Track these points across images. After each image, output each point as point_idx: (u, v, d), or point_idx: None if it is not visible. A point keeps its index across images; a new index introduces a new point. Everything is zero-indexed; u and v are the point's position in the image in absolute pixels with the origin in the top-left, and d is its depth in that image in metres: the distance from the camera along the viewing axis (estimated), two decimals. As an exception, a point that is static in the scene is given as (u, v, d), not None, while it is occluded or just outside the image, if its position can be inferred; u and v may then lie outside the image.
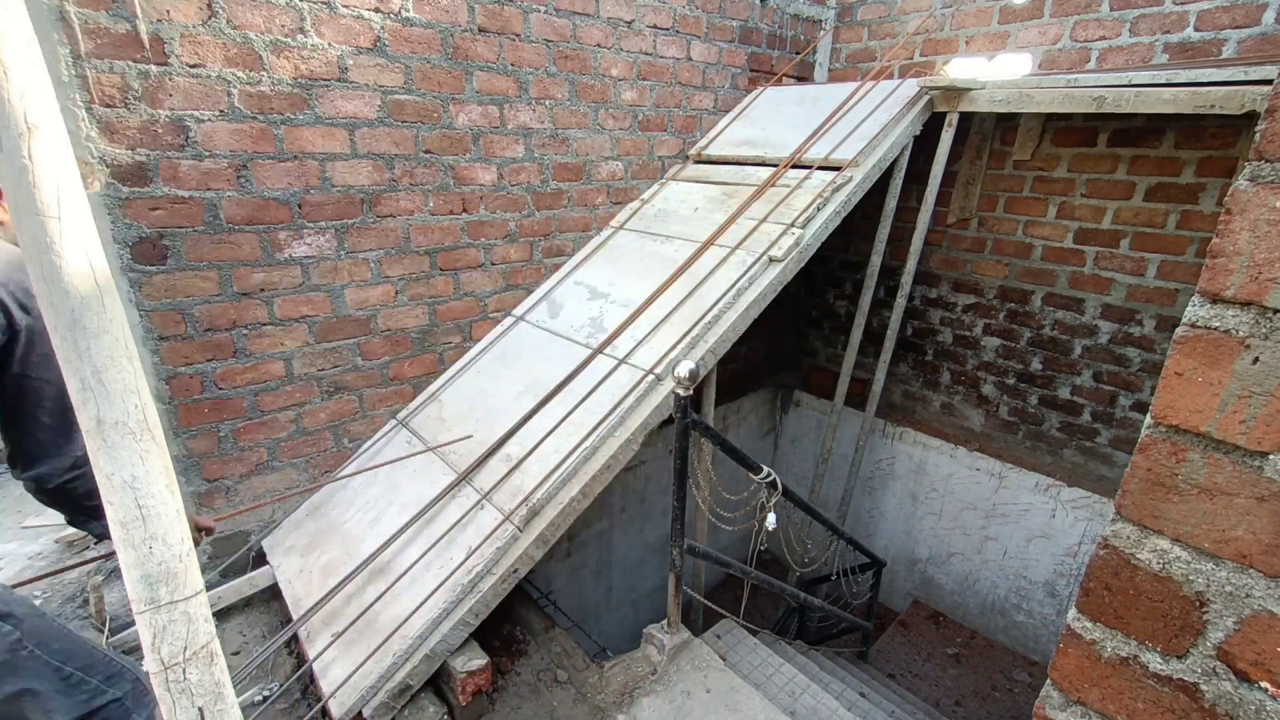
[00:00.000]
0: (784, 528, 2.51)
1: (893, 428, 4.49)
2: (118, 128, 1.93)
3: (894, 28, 3.98)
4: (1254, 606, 0.64)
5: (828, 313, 4.86)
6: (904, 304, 3.55)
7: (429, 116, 2.57)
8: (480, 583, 1.93)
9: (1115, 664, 0.75)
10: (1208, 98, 2.34)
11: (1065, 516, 3.74)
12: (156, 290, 2.11)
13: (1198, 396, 0.65)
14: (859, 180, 2.85)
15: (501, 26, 2.68)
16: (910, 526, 4.55)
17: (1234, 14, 2.85)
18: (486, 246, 2.95)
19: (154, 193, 2.04)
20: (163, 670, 0.92)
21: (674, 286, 2.69)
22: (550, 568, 3.67)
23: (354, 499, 2.43)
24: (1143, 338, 3.40)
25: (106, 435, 0.83)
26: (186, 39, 1.98)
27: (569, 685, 2.04)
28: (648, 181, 3.53)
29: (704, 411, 2.68)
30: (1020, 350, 3.88)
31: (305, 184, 2.33)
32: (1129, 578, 0.72)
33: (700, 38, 3.47)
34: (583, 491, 2.10)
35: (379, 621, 1.91)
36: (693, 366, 1.78)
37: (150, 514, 0.87)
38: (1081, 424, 3.72)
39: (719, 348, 2.44)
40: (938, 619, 4.48)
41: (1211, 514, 0.66)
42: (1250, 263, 0.61)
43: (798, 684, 2.48)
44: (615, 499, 3.95)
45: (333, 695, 1.77)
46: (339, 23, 2.25)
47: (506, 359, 2.78)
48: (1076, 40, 3.31)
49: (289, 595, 2.18)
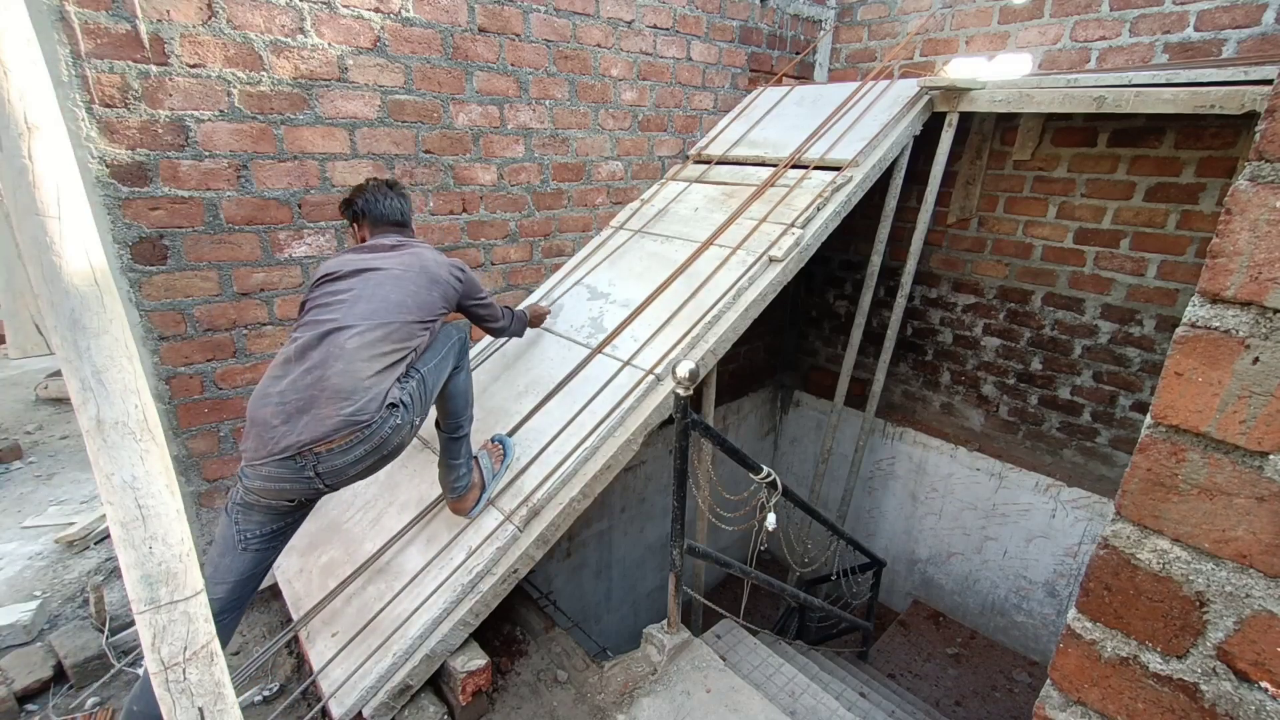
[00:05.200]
0: (784, 528, 2.51)
1: (893, 428, 4.49)
2: (118, 128, 1.93)
3: (894, 28, 3.98)
4: (1254, 606, 0.64)
5: (828, 313, 4.86)
6: (904, 304, 3.54)
7: (429, 116, 2.57)
8: (480, 583, 1.93)
9: (1115, 664, 0.75)
10: (1208, 98, 2.34)
11: (1065, 516, 3.74)
12: (156, 290, 2.11)
13: (1198, 396, 0.65)
14: (859, 180, 2.84)
15: (501, 26, 2.68)
16: (910, 526, 4.55)
17: (1234, 14, 2.85)
18: (486, 246, 2.95)
19: (154, 193, 2.04)
20: (163, 670, 0.92)
21: (674, 286, 2.69)
22: (550, 568, 3.67)
23: (354, 499, 2.43)
24: (1143, 338, 3.40)
25: (106, 435, 0.83)
26: (186, 39, 1.98)
27: (569, 685, 2.04)
28: (648, 181, 3.53)
29: (704, 411, 2.68)
30: (1020, 350, 3.88)
31: (305, 184, 2.33)
32: (1129, 578, 0.72)
33: (700, 38, 3.47)
34: (583, 492, 2.10)
35: (379, 622, 1.91)
36: (693, 366, 1.78)
37: (150, 514, 0.87)
38: (1081, 424, 3.72)
39: (719, 348, 2.44)
40: (938, 619, 4.48)
41: (1211, 514, 0.66)
42: (1250, 263, 0.61)
43: (798, 684, 2.48)
44: (615, 499, 3.95)
45: (333, 695, 1.77)
46: (339, 23, 2.25)
47: (506, 359, 2.78)
48: (1076, 40, 3.31)
49: (289, 595, 2.18)
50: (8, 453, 3.34)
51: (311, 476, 1.56)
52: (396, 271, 1.78)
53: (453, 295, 1.90)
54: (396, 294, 1.73)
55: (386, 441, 1.63)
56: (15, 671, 2.06)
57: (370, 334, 1.64)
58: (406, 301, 1.73)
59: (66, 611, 2.33)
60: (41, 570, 2.51)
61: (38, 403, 4.08)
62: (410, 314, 1.72)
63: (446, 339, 1.92)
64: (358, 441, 1.58)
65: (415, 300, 1.75)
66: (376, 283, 1.74)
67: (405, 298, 1.74)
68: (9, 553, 2.61)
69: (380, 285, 1.73)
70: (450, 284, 1.88)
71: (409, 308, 1.73)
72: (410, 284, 1.77)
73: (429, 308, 1.78)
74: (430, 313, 1.79)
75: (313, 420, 1.53)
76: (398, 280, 1.76)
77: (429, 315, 1.78)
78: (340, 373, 1.57)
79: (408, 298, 1.74)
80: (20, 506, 2.94)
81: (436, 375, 1.84)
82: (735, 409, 4.84)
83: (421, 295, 1.78)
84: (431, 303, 1.80)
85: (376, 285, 1.73)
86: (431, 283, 1.82)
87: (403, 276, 1.77)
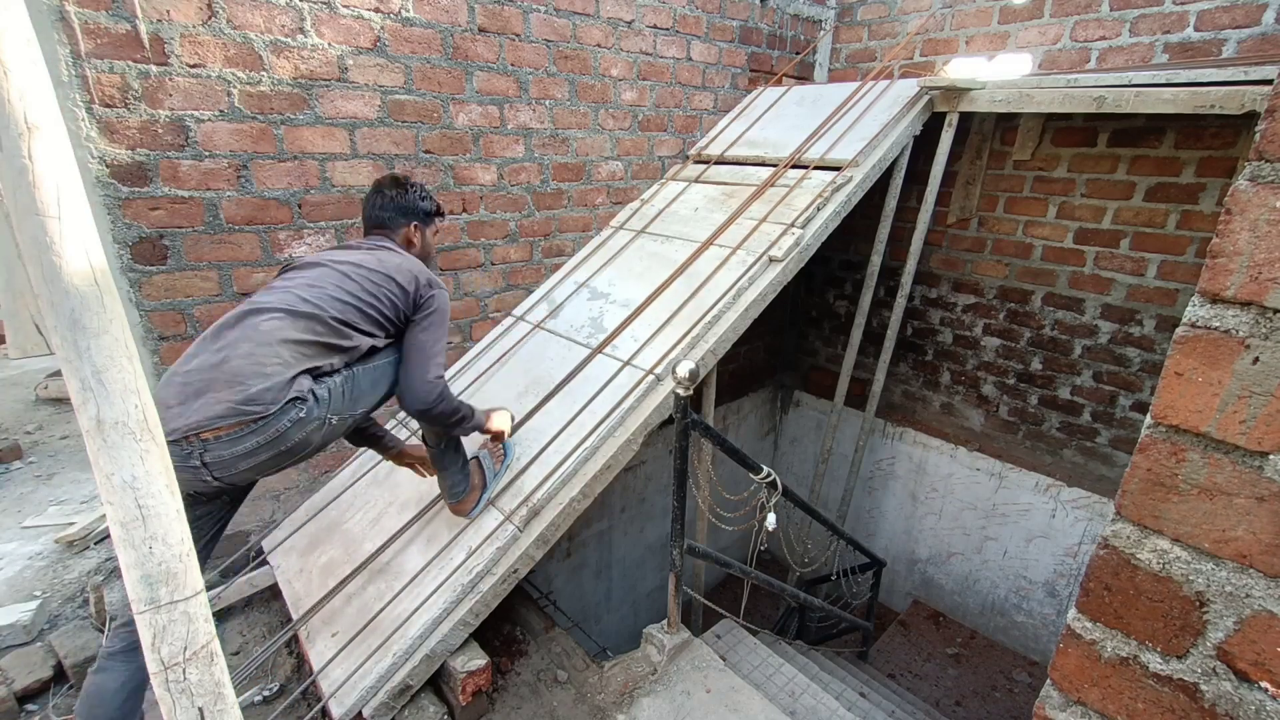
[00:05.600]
0: (784, 528, 2.51)
1: (893, 428, 4.49)
2: (118, 128, 1.93)
3: (894, 28, 3.98)
4: (1254, 606, 0.64)
5: (828, 313, 4.86)
6: (904, 304, 3.55)
7: (429, 116, 2.57)
8: (480, 583, 1.93)
9: (1115, 664, 0.75)
10: (1208, 98, 2.34)
11: (1065, 516, 3.74)
12: (156, 290, 2.11)
13: (1198, 396, 0.65)
14: (859, 180, 2.84)
15: (501, 26, 2.68)
16: (910, 526, 4.55)
17: (1234, 14, 2.85)
18: (486, 246, 2.95)
19: (154, 193, 2.04)
20: (163, 670, 0.92)
21: (674, 286, 2.69)
22: (550, 568, 3.67)
23: (354, 498, 2.43)
24: (1143, 338, 3.40)
25: (106, 435, 0.83)
26: (186, 39, 1.98)
27: (569, 685, 2.04)
28: (648, 181, 3.53)
29: (704, 411, 2.68)
30: (1020, 350, 3.88)
31: (305, 184, 2.33)
32: (1129, 578, 0.72)
33: (700, 38, 3.47)
34: (583, 492, 2.10)
35: (379, 621, 1.91)
36: (693, 366, 1.78)
37: (150, 514, 0.87)
38: (1081, 424, 3.72)
39: (719, 348, 2.44)
40: (938, 619, 4.48)
41: (1211, 514, 0.66)
42: (1250, 263, 0.61)
43: (798, 684, 2.48)
44: (615, 499, 3.95)
45: (333, 695, 1.77)
46: (339, 23, 2.25)
47: (506, 359, 2.78)
48: (1076, 40, 3.31)
49: (289, 595, 2.18)
50: (8, 453, 3.34)
51: (198, 466, 1.43)
52: (346, 267, 1.69)
53: (402, 299, 1.73)
54: (337, 288, 1.64)
55: (284, 436, 1.50)
56: (15, 671, 2.06)
57: (293, 320, 1.55)
58: (346, 297, 1.63)
59: (66, 611, 2.33)
60: (41, 570, 2.51)
61: (38, 403, 4.08)
62: (349, 310, 1.63)
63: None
64: (248, 432, 1.45)
65: (358, 298, 1.65)
66: (320, 275, 1.67)
67: (346, 294, 1.64)
68: (9, 553, 2.61)
69: (324, 277, 1.66)
70: (405, 287, 1.73)
71: (348, 304, 1.63)
72: (359, 281, 1.67)
73: (375, 306, 1.67)
74: (375, 311, 1.67)
75: (204, 404, 1.42)
76: (345, 275, 1.67)
77: (375, 314, 1.67)
78: (244, 355, 1.47)
79: (349, 295, 1.64)
80: (20, 506, 2.94)
81: (378, 377, 1.72)
82: (735, 409, 4.84)
83: (368, 293, 1.67)
84: (378, 302, 1.68)
85: (320, 276, 1.66)
86: (385, 280, 1.70)
87: (352, 272, 1.68)
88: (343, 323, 1.62)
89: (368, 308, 1.66)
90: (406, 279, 1.74)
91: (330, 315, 1.59)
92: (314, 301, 1.59)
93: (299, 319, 1.56)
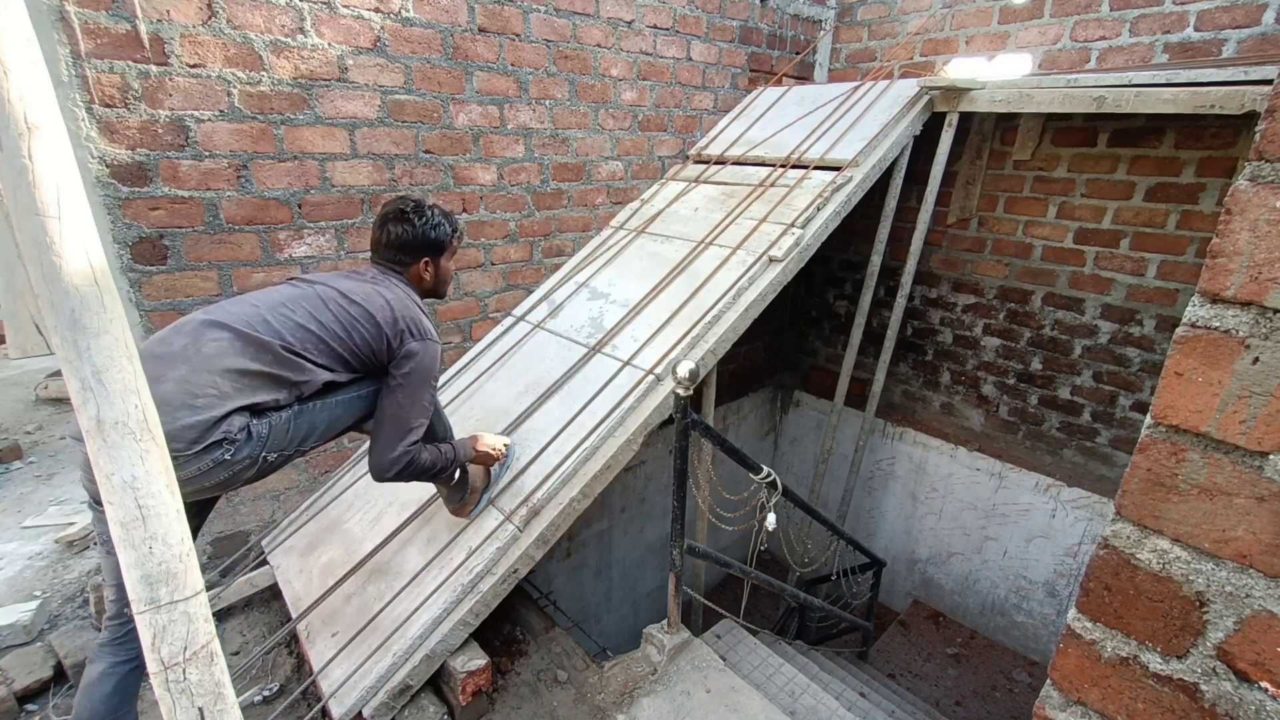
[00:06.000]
0: (784, 528, 2.51)
1: (893, 428, 4.49)
2: (118, 128, 1.93)
3: (894, 28, 3.98)
4: (1254, 606, 0.64)
5: (828, 313, 4.86)
6: (904, 304, 3.55)
7: (429, 116, 2.57)
8: (480, 583, 1.93)
9: (1115, 664, 0.75)
10: (1208, 98, 2.34)
11: (1065, 516, 3.74)
12: (156, 290, 2.11)
13: (1198, 396, 0.65)
14: (859, 180, 2.84)
15: (501, 26, 2.68)
16: (910, 526, 4.55)
17: (1234, 14, 2.85)
18: (486, 246, 2.95)
19: (154, 193, 2.04)
20: (163, 670, 0.92)
21: (674, 286, 2.69)
22: (550, 568, 3.67)
23: (354, 498, 2.43)
24: (1143, 338, 3.40)
25: (106, 435, 0.83)
26: (186, 39, 1.98)
27: (569, 685, 2.04)
28: (648, 181, 3.53)
29: (704, 411, 2.68)
30: (1020, 350, 3.88)
31: (305, 184, 2.33)
32: (1129, 578, 0.72)
33: (700, 38, 3.47)
34: (583, 492, 2.10)
35: (379, 621, 1.91)
36: (693, 366, 1.78)
37: (150, 514, 0.87)
38: (1081, 424, 3.72)
39: (719, 348, 2.44)
40: (938, 619, 4.48)
41: (1211, 514, 0.66)
42: (1250, 263, 0.61)
43: (798, 684, 2.48)
44: (615, 499, 3.95)
45: (333, 695, 1.77)
46: (339, 23, 2.25)
47: (506, 359, 2.78)
48: (1076, 40, 3.31)
49: (289, 595, 2.18)
50: (8, 453, 3.33)
51: None
52: (331, 294, 1.62)
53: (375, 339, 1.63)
54: (308, 315, 1.56)
55: (206, 474, 1.39)
56: (15, 671, 2.06)
57: (241, 345, 1.45)
58: (312, 325, 1.55)
59: (66, 611, 2.33)
60: (41, 570, 2.51)
61: (38, 403, 4.08)
62: (308, 340, 1.53)
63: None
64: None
65: (326, 328, 1.57)
66: (301, 296, 1.60)
67: (314, 323, 1.55)
68: (9, 553, 2.61)
69: (303, 300, 1.59)
70: (382, 328, 1.63)
71: (311, 332, 1.54)
72: (333, 311, 1.59)
73: (342, 341, 1.58)
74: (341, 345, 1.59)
75: None
76: (323, 303, 1.59)
77: (340, 348, 1.59)
78: (178, 380, 1.36)
79: (317, 324, 1.56)
80: (20, 506, 2.94)
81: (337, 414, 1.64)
82: (735, 409, 4.84)
83: (340, 325, 1.58)
84: (347, 337, 1.59)
85: (299, 298, 1.59)
86: (363, 317, 1.62)
87: (332, 301, 1.61)
88: (295, 353, 1.52)
89: (333, 339, 1.58)
90: (386, 320, 1.64)
91: (281, 344, 1.50)
92: (274, 326, 1.51)
93: (248, 345, 1.46)
